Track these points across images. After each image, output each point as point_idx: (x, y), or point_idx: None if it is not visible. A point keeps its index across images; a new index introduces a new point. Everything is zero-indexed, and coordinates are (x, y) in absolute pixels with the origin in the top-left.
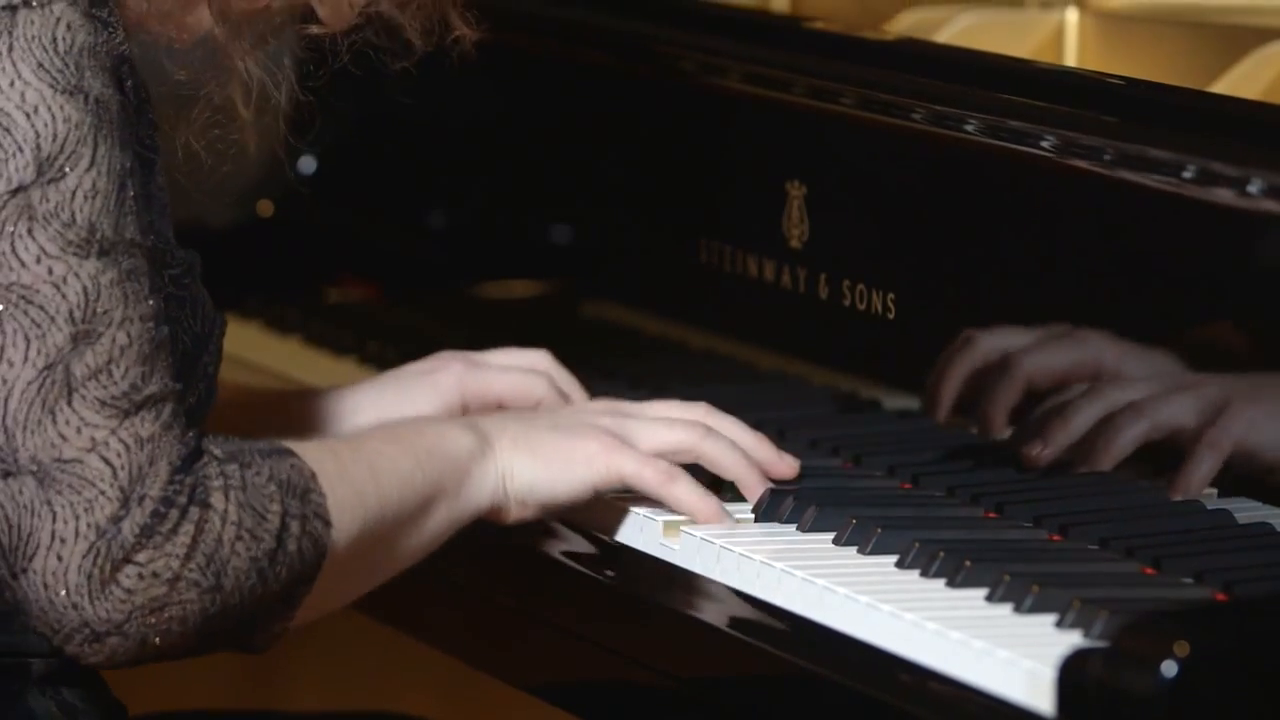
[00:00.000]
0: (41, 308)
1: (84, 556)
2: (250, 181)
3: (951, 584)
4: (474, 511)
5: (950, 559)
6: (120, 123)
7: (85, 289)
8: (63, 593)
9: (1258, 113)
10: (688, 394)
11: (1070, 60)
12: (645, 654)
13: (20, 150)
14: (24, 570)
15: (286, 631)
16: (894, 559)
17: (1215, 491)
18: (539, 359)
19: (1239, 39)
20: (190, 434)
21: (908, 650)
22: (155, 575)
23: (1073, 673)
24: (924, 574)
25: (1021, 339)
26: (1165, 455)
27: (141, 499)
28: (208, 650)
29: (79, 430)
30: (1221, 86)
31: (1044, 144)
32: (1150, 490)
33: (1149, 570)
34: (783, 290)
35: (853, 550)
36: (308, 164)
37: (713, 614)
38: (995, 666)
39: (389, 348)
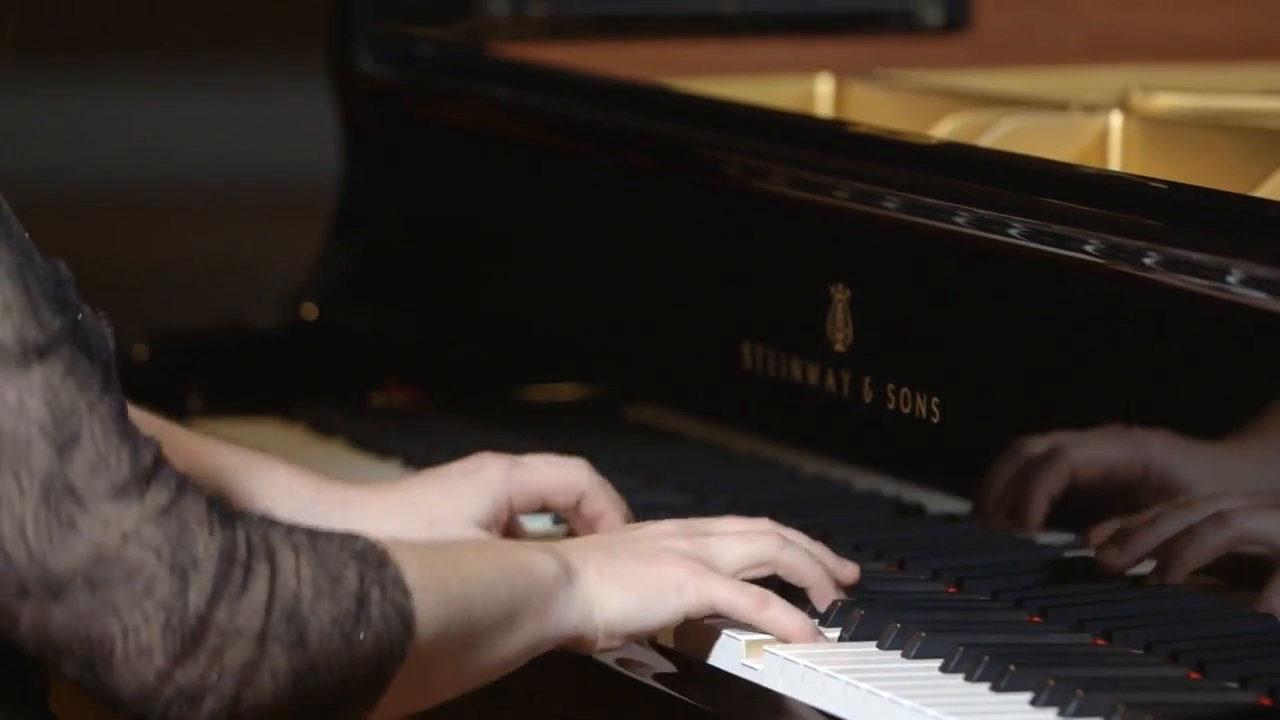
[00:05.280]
0: (13, 440)
1: (162, 633)
2: (294, 285)
3: (996, 688)
4: (558, 637)
5: (995, 663)
6: None
7: (45, 400)
8: (151, 676)
9: None
10: (732, 498)
11: (1115, 164)
12: None
13: None
14: (109, 670)
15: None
16: (938, 663)
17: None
18: (578, 463)
19: None
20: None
21: None
22: (239, 631)
23: None
24: (968, 678)
25: (1068, 442)
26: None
27: (196, 563)
28: None
29: (105, 527)
30: (1266, 190)
31: (1088, 248)
32: (1194, 594)
33: (1194, 675)
34: (827, 394)
35: (897, 654)
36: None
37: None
38: None
39: (434, 451)
